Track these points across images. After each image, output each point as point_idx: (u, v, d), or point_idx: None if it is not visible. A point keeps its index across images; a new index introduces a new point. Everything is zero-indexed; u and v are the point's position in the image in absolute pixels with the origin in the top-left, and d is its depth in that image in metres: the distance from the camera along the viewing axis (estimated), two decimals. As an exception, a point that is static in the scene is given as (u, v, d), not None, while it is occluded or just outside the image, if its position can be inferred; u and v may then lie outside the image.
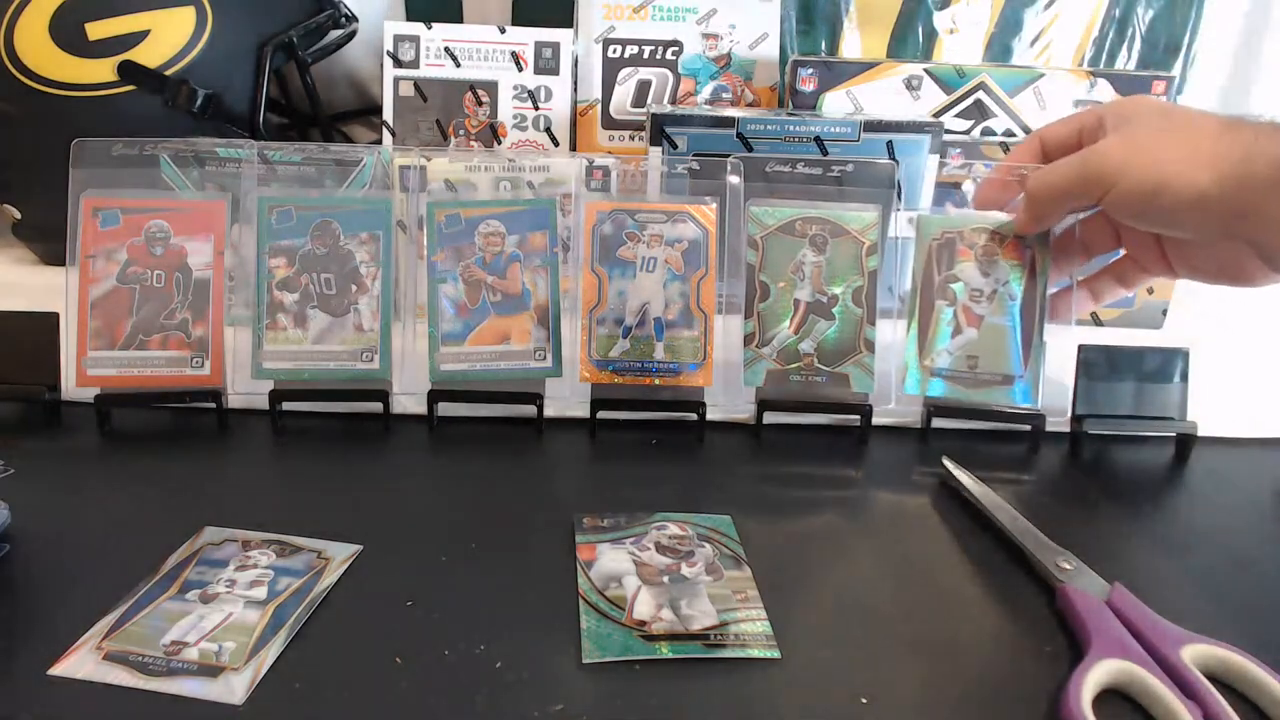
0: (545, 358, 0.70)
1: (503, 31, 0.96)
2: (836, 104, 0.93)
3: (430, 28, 0.95)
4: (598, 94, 0.98)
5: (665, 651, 0.47)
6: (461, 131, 0.96)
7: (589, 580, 0.52)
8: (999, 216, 0.69)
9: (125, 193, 0.69)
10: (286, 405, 0.69)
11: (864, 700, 0.44)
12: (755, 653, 0.47)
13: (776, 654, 0.47)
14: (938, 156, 0.89)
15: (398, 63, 0.95)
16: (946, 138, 0.89)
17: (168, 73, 0.89)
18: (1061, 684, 0.44)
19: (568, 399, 0.71)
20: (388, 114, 0.96)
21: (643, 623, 0.48)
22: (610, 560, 0.54)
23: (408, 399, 0.71)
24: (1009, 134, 0.94)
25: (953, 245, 0.70)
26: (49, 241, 0.96)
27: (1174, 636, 0.47)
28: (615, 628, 0.48)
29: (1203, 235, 0.59)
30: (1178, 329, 0.93)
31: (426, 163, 0.82)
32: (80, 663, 0.44)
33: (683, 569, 0.53)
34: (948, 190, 0.91)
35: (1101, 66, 1.07)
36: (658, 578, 0.52)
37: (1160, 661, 0.45)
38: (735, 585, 0.52)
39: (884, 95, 0.93)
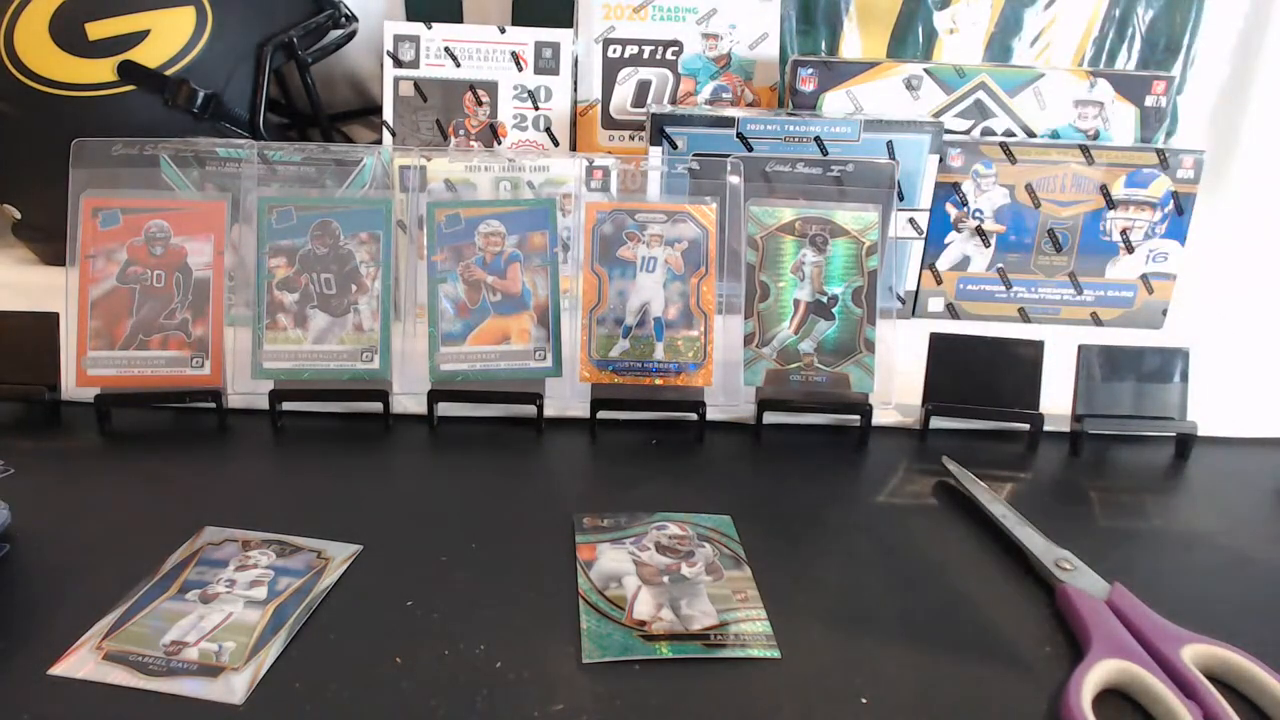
0: (545, 358, 0.70)
1: (503, 31, 0.96)
2: (836, 104, 0.93)
3: (430, 28, 0.95)
4: (598, 94, 0.98)
5: (665, 651, 0.47)
6: (461, 131, 0.96)
7: (589, 580, 0.52)
8: None
9: (125, 193, 0.69)
10: (286, 405, 0.69)
11: (864, 700, 0.44)
12: (755, 653, 0.47)
13: (776, 654, 0.47)
14: (938, 156, 0.89)
15: (398, 63, 0.95)
16: (946, 138, 0.89)
17: (168, 73, 0.89)
18: (1061, 684, 0.44)
19: (568, 399, 0.71)
20: (388, 114, 0.96)
21: (643, 623, 0.48)
22: (610, 560, 0.54)
23: (408, 399, 0.71)
24: (1009, 134, 0.94)
25: None
26: (49, 241, 0.96)
27: (1174, 636, 0.47)
28: (615, 628, 0.48)
29: None
30: (1178, 329, 0.93)
31: (426, 163, 0.82)
32: (80, 663, 0.44)
33: (683, 569, 0.53)
34: (948, 190, 0.91)
35: (1101, 66, 1.07)
36: (658, 578, 0.52)
37: (1160, 661, 0.45)
38: (735, 585, 0.52)
39: (884, 95, 0.93)
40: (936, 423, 0.70)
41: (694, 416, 0.69)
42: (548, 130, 0.97)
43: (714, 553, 0.55)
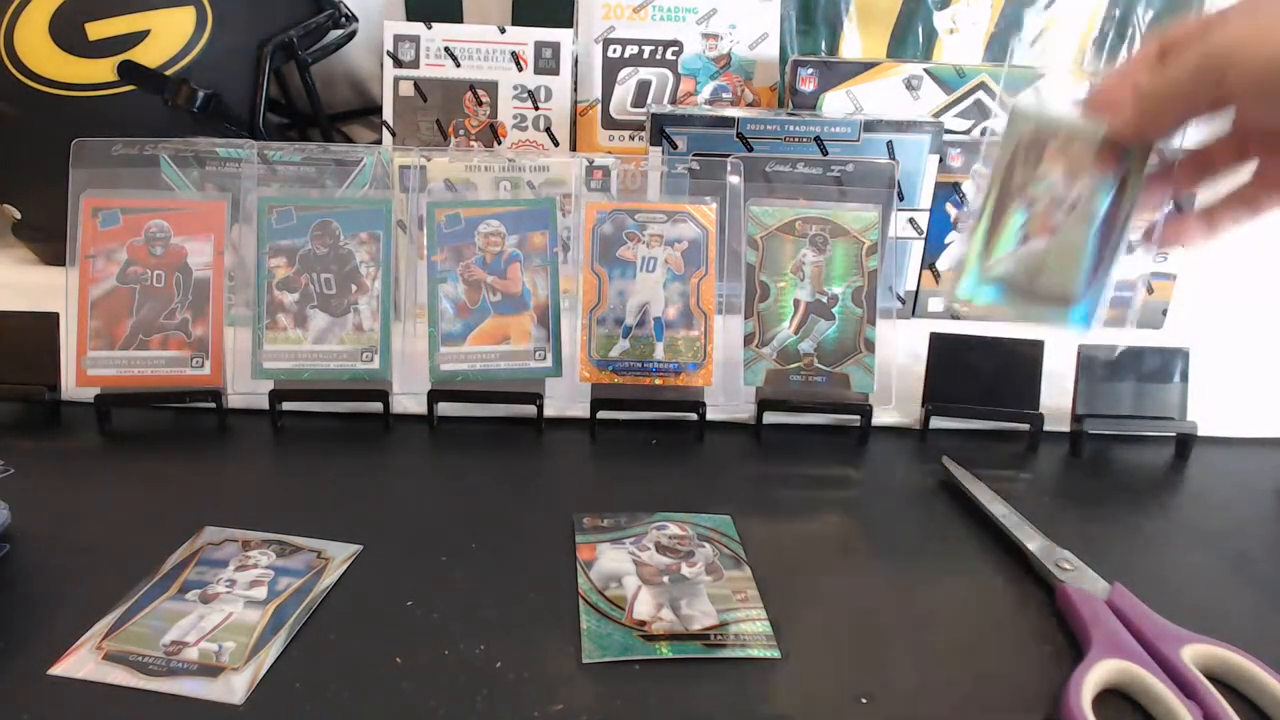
0: (545, 358, 0.70)
1: (503, 31, 0.96)
2: (836, 104, 0.93)
3: (430, 28, 0.95)
4: (598, 94, 0.98)
5: (665, 651, 0.47)
6: (461, 131, 0.96)
7: (589, 580, 0.52)
8: (1101, 122, 0.61)
9: (125, 193, 0.69)
10: (286, 405, 0.69)
11: (864, 700, 0.44)
12: (755, 653, 0.47)
13: (776, 654, 0.47)
14: (938, 156, 0.89)
15: (398, 63, 0.95)
16: (946, 138, 0.89)
17: (168, 73, 0.89)
18: (1061, 684, 0.44)
19: (568, 399, 0.71)
20: (388, 114, 0.96)
21: (643, 623, 0.48)
22: (610, 560, 0.54)
23: (408, 399, 0.71)
24: (1009, 134, 0.94)
25: (1042, 145, 0.63)
26: (49, 241, 0.96)
27: (1174, 636, 0.47)
28: (615, 628, 0.48)
29: None
30: (1178, 329, 0.93)
31: (426, 163, 0.82)
32: (80, 663, 0.44)
33: (683, 569, 0.53)
34: (948, 190, 0.91)
35: (1101, 66, 1.07)
36: (658, 578, 0.52)
37: (1160, 661, 0.45)
38: (735, 585, 0.52)
39: (884, 95, 0.93)
40: (936, 423, 0.70)
41: (694, 416, 0.69)
42: (548, 130, 0.97)
43: (714, 553, 0.55)
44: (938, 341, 0.70)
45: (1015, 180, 0.61)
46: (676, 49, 0.98)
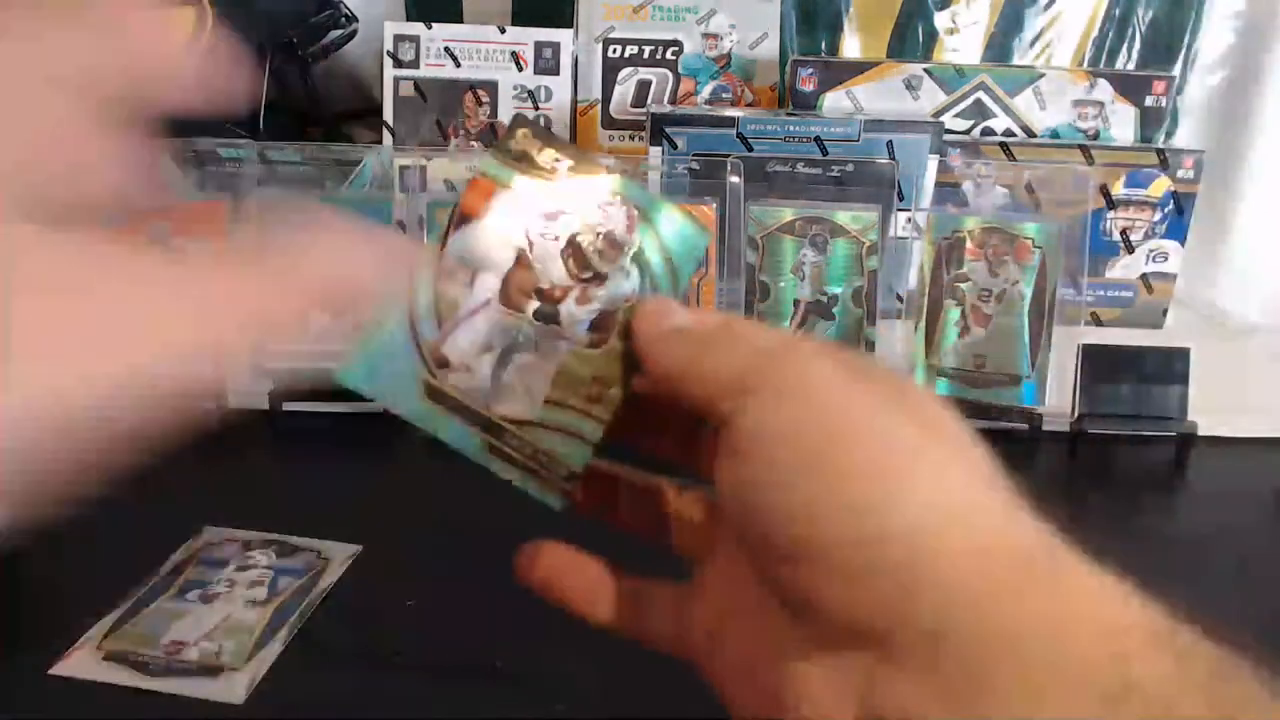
0: (545, 358, 0.70)
1: (503, 31, 0.96)
2: (836, 104, 0.93)
3: (430, 28, 0.95)
4: (598, 94, 0.98)
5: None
6: (461, 131, 0.96)
7: (589, 580, 0.52)
8: (1009, 216, 0.68)
9: (125, 193, 0.69)
10: (286, 405, 0.69)
11: (864, 700, 0.44)
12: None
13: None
14: (938, 156, 0.89)
15: (398, 63, 0.95)
16: (946, 138, 0.89)
17: (168, 73, 0.89)
18: (1061, 684, 0.44)
19: (568, 399, 0.71)
20: (388, 114, 0.96)
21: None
22: (610, 560, 0.53)
23: (408, 399, 0.71)
24: (1009, 134, 0.94)
25: (961, 245, 0.69)
26: (49, 241, 0.96)
27: (1174, 636, 0.47)
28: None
29: None
30: (1178, 329, 0.93)
31: (426, 163, 0.82)
32: (80, 663, 0.44)
33: (683, 569, 0.53)
34: (948, 190, 0.91)
35: (1101, 66, 1.07)
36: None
37: (1160, 661, 0.45)
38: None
39: (884, 95, 0.93)
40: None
41: (694, 416, 0.69)
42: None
43: (714, 553, 0.55)
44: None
45: (943, 281, 0.69)
46: (676, 49, 0.98)
